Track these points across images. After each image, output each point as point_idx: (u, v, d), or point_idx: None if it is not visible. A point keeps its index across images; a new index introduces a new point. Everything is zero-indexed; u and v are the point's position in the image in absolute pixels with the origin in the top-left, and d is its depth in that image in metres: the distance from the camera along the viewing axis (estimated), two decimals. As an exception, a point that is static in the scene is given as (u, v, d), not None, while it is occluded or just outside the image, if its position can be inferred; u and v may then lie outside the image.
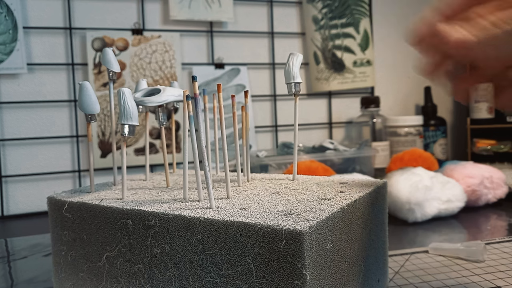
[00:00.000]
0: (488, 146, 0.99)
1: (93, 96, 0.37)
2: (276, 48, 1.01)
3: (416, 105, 1.16)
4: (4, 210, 0.83)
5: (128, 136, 0.35)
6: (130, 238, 0.32)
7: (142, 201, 0.34)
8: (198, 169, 0.33)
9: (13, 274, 0.50)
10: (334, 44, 1.04)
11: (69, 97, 0.87)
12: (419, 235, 0.59)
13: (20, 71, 0.82)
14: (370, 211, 0.35)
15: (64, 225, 0.37)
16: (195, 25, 0.94)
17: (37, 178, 0.85)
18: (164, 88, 0.40)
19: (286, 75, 0.37)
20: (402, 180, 0.65)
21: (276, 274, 0.25)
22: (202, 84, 0.93)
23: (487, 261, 0.47)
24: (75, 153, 0.87)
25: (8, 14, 0.81)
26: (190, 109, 0.32)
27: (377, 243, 0.37)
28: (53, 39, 0.85)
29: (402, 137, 0.98)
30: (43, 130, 0.85)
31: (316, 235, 0.26)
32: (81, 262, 0.36)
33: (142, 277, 0.32)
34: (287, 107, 1.02)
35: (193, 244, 0.28)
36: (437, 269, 0.46)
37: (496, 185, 0.72)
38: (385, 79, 1.12)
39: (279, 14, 1.01)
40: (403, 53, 1.15)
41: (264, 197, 0.33)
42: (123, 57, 0.88)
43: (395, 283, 0.42)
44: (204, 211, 0.29)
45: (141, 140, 0.90)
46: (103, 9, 0.88)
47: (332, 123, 1.07)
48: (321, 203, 0.30)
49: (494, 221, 0.66)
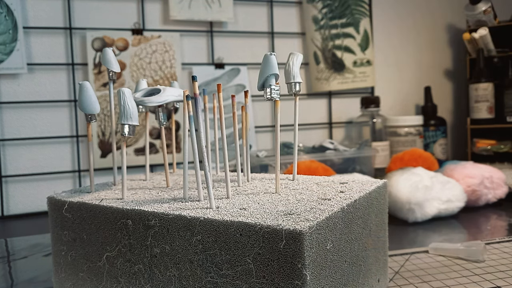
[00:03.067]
0: (488, 146, 0.99)
1: (93, 96, 0.37)
2: (276, 48, 1.01)
3: (416, 105, 1.16)
4: (4, 210, 0.83)
5: (128, 136, 0.35)
6: (130, 238, 0.32)
7: (142, 201, 0.34)
8: (198, 169, 0.33)
9: (13, 274, 0.50)
10: (334, 44, 1.04)
11: (69, 97, 0.87)
12: (419, 235, 0.59)
13: (20, 71, 0.82)
14: (370, 211, 0.35)
15: (64, 225, 0.37)
16: (195, 25, 0.94)
17: (37, 178, 0.85)
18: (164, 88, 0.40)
19: (286, 75, 0.37)
20: (402, 180, 0.65)
21: (276, 274, 0.25)
22: (202, 84, 0.93)
23: (487, 261, 0.47)
24: (75, 153, 0.87)
25: (8, 14, 0.81)
26: (190, 109, 0.32)
27: (377, 243, 0.37)
28: (53, 39, 0.85)
29: (402, 137, 0.98)
30: (43, 130, 0.85)
31: (316, 235, 0.26)
32: (81, 262, 0.36)
33: (142, 277, 0.32)
34: (287, 107, 1.02)
35: (193, 244, 0.28)
36: (437, 269, 0.46)
37: (496, 185, 0.72)
38: (385, 79, 1.12)
39: (279, 14, 1.01)
40: (403, 53, 1.15)
41: (264, 197, 0.33)
42: (123, 57, 0.88)
43: (395, 283, 0.42)
44: (204, 211, 0.29)
45: (141, 140, 0.90)
46: (103, 9, 0.88)
47: (332, 123, 1.07)
48: (321, 203, 0.30)
49: (494, 221, 0.66)
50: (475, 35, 1.01)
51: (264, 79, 0.34)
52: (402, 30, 1.14)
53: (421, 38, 1.16)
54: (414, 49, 1.16)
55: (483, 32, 1.00)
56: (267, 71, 0.34)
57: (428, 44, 1.17)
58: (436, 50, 1.19)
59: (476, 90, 1.01)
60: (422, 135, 0.99)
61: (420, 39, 1.16)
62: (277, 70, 0.34)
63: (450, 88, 1.22)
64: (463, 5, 1.08)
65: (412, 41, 1.15)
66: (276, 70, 0.34)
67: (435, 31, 1.18)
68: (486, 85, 1.00)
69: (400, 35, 1.14)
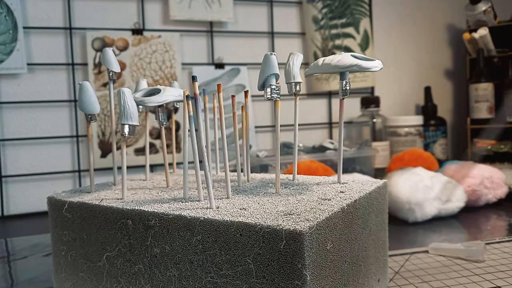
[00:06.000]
0: (488, 146, 0.99)
1: (93, 96, 0.37)
2: (276, 48, 1.01)
3: (416, 105, 1.16)
4: (4, 210, 0.83)
5: (128, 136, 0.35)
6: (130, 238, 0.32)
7: (142, 201, 0.34)
8: (198, 169, 0.33)
9: (13, 274, 0.50)
10: (334, 44, 1.04)
11: (69, 97, 0.87)
12: (419, 235, 0.59)
13: (20, 71, 0.82)
14: (370, 211, 0.35)
15: (64, 225, 0.37)
16: (195, 25, 0.94)
17: (37, 178, 0.85)
18: (164, 88, 0.40)
19: (286, 75, 0.37)
20: (402, 180, 0.65)
21: (276, 274, 0.25)
22: (202, 84, 0.93)
23: (487, 261, 0.47)
24: (75, 153, 0.87)
25: (8, 14, 0.81)
26: (190, 109, 0.31)
27: (377, 243, 0.37)
28: (53, 39, 0.85)
29: (402, 137, 0.98)
30: (43, 130, 0.85)
31: (316, 235, 0.26)
32: (81, 262, 0.36)
33: (142, 277, 0.32)
34: (287, 107, 1.02)
35: (193, 244, 0.28)
36: (437, 269, 0.46)
37: (496, 185, 0.72)
38: (385, 79, 1.12)
39: (279, 14, 1.01)
40: (403, 53, 1.15)
41: (264, 197, 0.33)
42: (123, 57, 0.88)
43: (395, 283, 0.42)
44: (204, 211, 0.29)
45: (141, 140, 0.90)
46: (103, 9, 0.88)
47: (332, 123, 1.07)
48: (321, 203, 0.30)
49: (494, 221, 0.66)
50: (475, 35, 1.01)
51: (264, 79, 0.34)
52: (402, 30, 1.14)
53: (421, 38, 1.16)
54: (414, 49, 1.16)
55: (483, 32, 1.00)
56: (267, 71, 0.34)
57: (428, 44, 1.17)
58: (436, 50, 1.19)
59: (476, 90, 1.01)
60: (422, 135, 0.99)
61: (420, 39, 1.16)
62: (277, 70, 0.34)
63: (450, 88, 1.22)
64: (463, 5, 1.08)
65: (412, 41, 1.15)
66: (276, 70, 0.34)
67: (435, 31, 1.18)
68: (486, 85, 1.00)
69: (400, 35, 1.14)
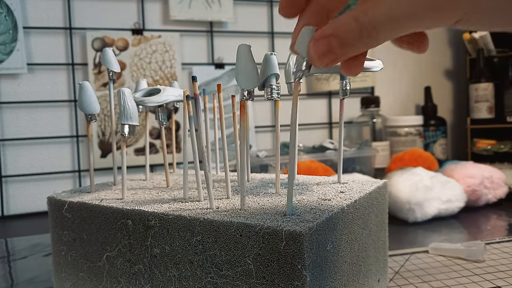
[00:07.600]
0: (488, 146, 0.99)
1: (93, 96, 0.37)
2: (276, 48, 1.01)
3: (416, 105, 1.16)
4: (4, 210, 0.83)
5: (128, 136, 0.35)
6: (130, 238, 0.32)
7: (142, 201, 0.34)
8: (198, 169, 0.33)
9: (13, 274, 0.50)
10: (334, 44, 1.04)
11: (69, 97, 0.87)
12: (419, 235, 0.59)
13: (20, 71, 0.82)
14: (370, 211, 0.34)
15: (64, 225, 0.37)
16: (195, 25, 0.94)
17: (37, 178, 0.85)
18: (164, 88, 0.40)
19: (286, 75, 0.37)
20: (402, 180, 0.65)
21: (276, 275, 0.25)
22: (202, 84, 0.93)
23: (487, 261, 0.47)
24: (75, 153, 0.87)
25: (8, 14, 0.81)
26: (190, 109, 0.31)
27: (377, 243, 0.37)
28: (53, 39, 0.85)
29: (402, 137, 0.98)
30: (43, 130, 0.85)
31: (316, 236, 0.26)
32: (81, 262, 0.36)
33: (142, 277, 0.32)
34: (287, 107, 1.02)
35: (193, 244, 0.28)
36: (437, 269, 0.46)
37: (496, 185, 0.72)
38: (385, 79, 1.12)
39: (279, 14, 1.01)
40: (403, 53, 1.15)
41: (264, 198, 0.33)
42: (123, 57, 0.88)
43: (395, 283, 0.42)
44: (204, 212, 0.29)
45: (141, 140, 0.90)
46: (103, 9, 0.88)
47: (332, 123, 1.07)
48: (321, 203, 0.30)
49: (494, 221, 0.66)
50: (475, 35, 1.01)
51: (265, 79, 0.34)
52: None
53: (421, 38, 1.16)
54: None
55: (483, 32, 1.00)
56: (268, 71, 0.34)
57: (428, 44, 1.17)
58: (436, 50, 1.19)
59: (476, 90, 1.01)
60: (422, 135, 0.99)
61: (420, 39, 1.16)
62: (277, 70, 0.34)
63: (450, 88, 1.22)
64: (463, 5, 1.08)
65: (412, 41, 1.15)
66: (276, 70, 0.34)
67: (435, 31, 1.18)
68: (486, 85, 1.00)
69: (400, 35, 1.14)
